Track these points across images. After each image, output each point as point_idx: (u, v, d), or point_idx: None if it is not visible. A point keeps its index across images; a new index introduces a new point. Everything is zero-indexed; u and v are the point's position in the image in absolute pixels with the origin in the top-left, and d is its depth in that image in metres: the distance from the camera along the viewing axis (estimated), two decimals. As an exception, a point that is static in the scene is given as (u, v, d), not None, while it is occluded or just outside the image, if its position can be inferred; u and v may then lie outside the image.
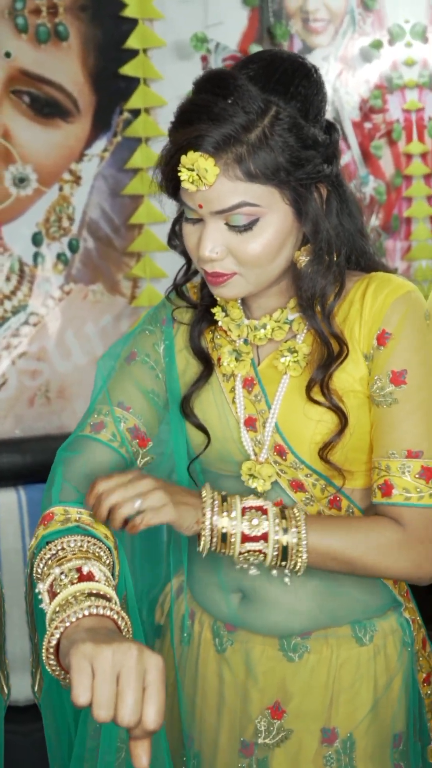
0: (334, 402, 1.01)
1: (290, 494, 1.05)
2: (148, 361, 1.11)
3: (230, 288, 1.01)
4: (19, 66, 2.23)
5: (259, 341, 1.07)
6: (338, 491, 1.04)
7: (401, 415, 1.01)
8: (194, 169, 0.93)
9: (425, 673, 1.16)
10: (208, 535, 0.97)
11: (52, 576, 0.85)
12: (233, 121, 0.92)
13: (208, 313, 1.10)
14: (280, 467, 1.05)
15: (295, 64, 0.99)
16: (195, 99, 0.96)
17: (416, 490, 0.99)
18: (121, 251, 2.40)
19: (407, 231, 2.85)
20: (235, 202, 0.95)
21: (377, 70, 2.71)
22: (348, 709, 1.08)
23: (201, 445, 1.09)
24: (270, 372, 1.07)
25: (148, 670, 0.71)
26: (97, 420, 1.07)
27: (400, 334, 1.01)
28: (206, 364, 1.10)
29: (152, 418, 1.10)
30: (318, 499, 1.05)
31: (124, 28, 2.30)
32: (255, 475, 1.06)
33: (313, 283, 1.01)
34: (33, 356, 2.35)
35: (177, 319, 1.13)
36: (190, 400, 1.09)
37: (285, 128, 0.94)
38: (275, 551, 0.97)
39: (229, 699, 1.10)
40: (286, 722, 1.08)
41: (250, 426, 1.07)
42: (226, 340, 1.10)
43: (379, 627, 1.10)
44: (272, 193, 0.96)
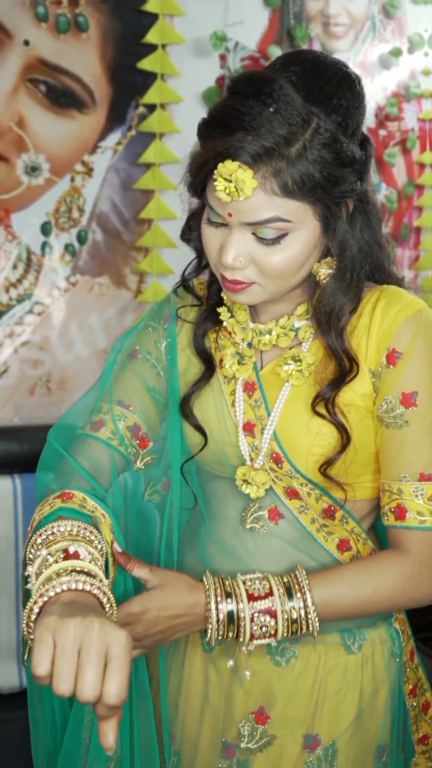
0: (338, 419, 1.00)
1: (285, 501, 1.05)
2: (150, 359, 1.10)
3: (247, 295, 0.99)
4: (37, 55, 2.23)
5: (264, 346, 1.06)
6: (335, 502, 1.04)
7: (412, 437, 1.00)
8: (231, 180, 0.90)
9: (411, 685, 1.16)
10: (215, 618, 0.97)
11: (39, 558, 0.85)
12: (275, 133, 0.89)
13: (214, 312, 1.09)
14: (275, 474, 1.05)
15: (340, 74, 0.95)
16: (236, 103, 0.91)
17: (430, 513, 0.99)
18: (129, 245, 2.40)
19: (416, 240, 2.85)
20: (268, 216, 0.92)
21: (395, 78, 2.71)
22: (332, 716, 1.08)
23: (198, 445, 1.08)
24: (272, 378, 1.06)
25: (110, 645, 0.70)
26: (97, 418, 1.07)
27: (411, 354, 0.99)
28: (208, 365, 1.09)
29: (154, 415, 1.09)
30: (312, 508, 1.04)
31: (144, 23, 2.29)
32: (249, 481, 1.05)
33: (334, 299, 1.00)
34: (36, 345, 2.35)
35: (181, 316, 1.12)
36: (189, 400, 1.08)
37: (323, 143, 0.91)
38: (284, 611, 0.96)
39: (213, 699, 1.10)
40: (270, 728, 1.07)
41: (248, 431, 1.06)
42: (230, 342, 1.09)
43: (368, 636, 1.09)
44: (305, 209, 0.93)
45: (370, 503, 1.08)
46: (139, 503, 1.13)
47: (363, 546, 1.07)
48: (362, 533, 1.07)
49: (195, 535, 1.12)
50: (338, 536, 1.06)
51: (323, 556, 1.05)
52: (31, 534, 0.92)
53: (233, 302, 1.07)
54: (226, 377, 1.08)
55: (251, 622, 0.96)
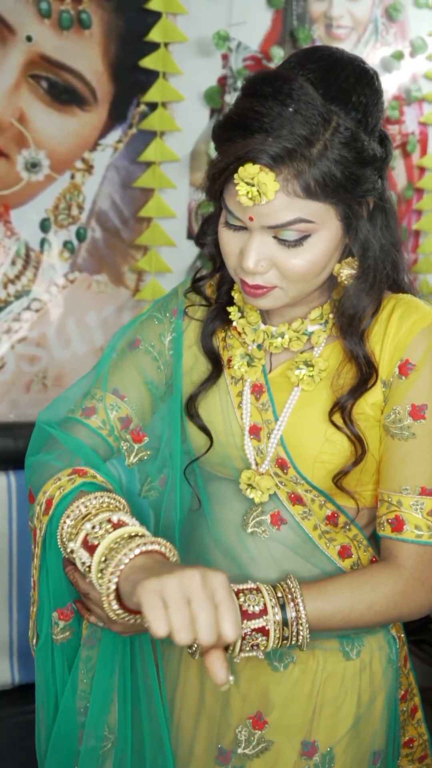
0: (355, 431, 0.99)
1: (288, 507, 1.04)
2: (152, 351, 1.08)
3: (269, 300, 0.97)
4: (39, 51, 2.23)
5: (275, 349, 1.04)
6: (338, 509, 1.03)
7: (418, 451, 0.98)
8: (254, 183, 0.88)
9: (403, 690, 1.16)
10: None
11: (83, 532, 0.88)
12: (296, 134, 0.86)
13: (223, 312, 1.07)
14: (279, 479, 1.03)
15: (358, 70, 0.93)
16: (253, 103, 0.88)
17: (427, 527, 0.98)
18: (128, 243, 2.40)
19: (415, 243, 2.85)
20: (291, 218, 0.90)
21: (396, 81, 2.71)
22: (330, 722, 1.07)
23: (202, 446, 1.07)
24: (281, 381, 1.04)
25: (215, 590, 0.76)
26: (89, 404, 1.05)
27: (424, 366, 0.98)
28: (216, 365, 1.07)
29: (147, 408, 1.07)
30: (316, 514, 1.03)
31: (147, 21, 2.29)
32: (254, 485, 1.04)
33: (358, 301, 0.98)
34: (33, 342, 2.34)
35: (189, 314, 1.10)
36: (195, 400, 1.06)
37: (343, 142, 0.89)
38: (276, 629, 0.94)
39: (209, 704, 1.09)
40: (267, 733, 1.07)
41: (254, 434, 1.04)
42: (239, 342, 1.07)
43: (367, 643, 1.09)
44: (327, 209, 0.91)
45: (372, 511, 1.07)
46: (134, 500, 1.11)
47: (364, 553, 1.07)
48: (364, 540, 1.06)
49: (194, 535, 1.11)
50: (340, 543, 1.05)
51: (324, 563, 1.05)
52: (53, 510, 0.92)
53: (245, 303, 1.05)
54: (234, 378, 1.06)
55: (243, 640, 0.93)
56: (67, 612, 1.00)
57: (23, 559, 2.06)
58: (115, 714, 1.01)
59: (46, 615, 1.00)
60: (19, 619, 2.05)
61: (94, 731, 1.00)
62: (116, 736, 1.01)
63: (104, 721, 1.00)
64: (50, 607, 0.99)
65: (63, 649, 1.00)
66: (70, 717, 1.00)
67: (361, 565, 1.06)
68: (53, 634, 1.00)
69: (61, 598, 0.99)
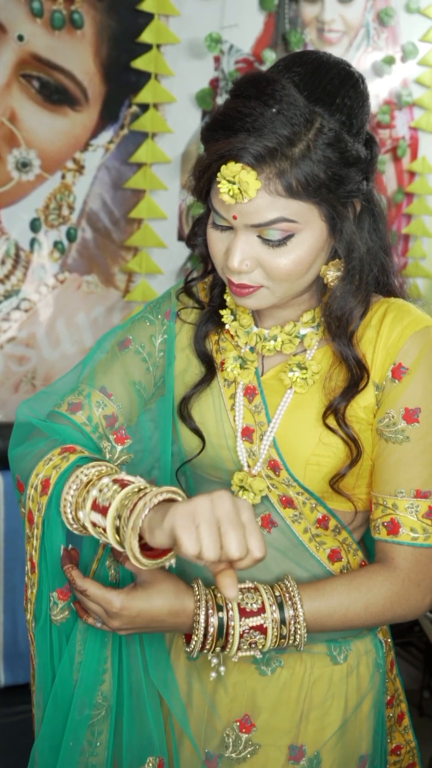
0: (350, 432, 0.99)
1: (279, 510, 1.04)
2: (142, 352, 1.09)
3: (256, 299, 0.98)
4: (30, 50, 2.22)
5: (268, 352, 1.04)
6: (329, 512, 1.03)
7: (412, 454, 0.99)
8: (235, 182, 0.89)
9: (389, 696, 1.16)
10: (201, 632, 0.95)
11: (90, 498, 0.91)
12: (278, 134, 0.88)
13: (216, 314, 1.08)
14: (271, 482, 1.03)
15: (343, 73, 0.94)
16: (237, 104, 0.90)
17: (423, 530, 0.99)
18: (119, 244, 2.40)
19: (405, 248, 2.86)
20: (273, 217, 0.91)
21: (387, 86, 2.72)
22: (317, 726, 1.07)
23: (194, 448, 1.07)
24: (274, 384, 1.05)
25: (241, 511, 0.81)
26: (76, 400, 1.06)
27: (417, 370, 0.99)
28: (209, 368, 1.07)
29: (132, 409, 1.08)
30: (306, 517, 1.04)
31: (139, 22, 2.29)
32: (246, 487, 1.04)
33: (344, 303, 0.98)
34: (22, 342, 2.34)
35: (182, 317, 1.11)
36: (188, 403, 1.07)
37: (327, 143, 0.90)
38: (274, 627, 0.95)
39: (196, 708, 1.08)
40: (255, 736, 1.06)
41: (246, 437, 1.04)
42: (232, 345, 1.07)
43: (354, 647, 1.09)
44: (310, 209, 0.92)
45: (363, 515, 1.07)
46: None
47: (353, 557, 1.07)
48: (353, 544, 1.07)
49: None
50: (330, 546, 1.05)
51: (314, 566, 1.05)
52: (52, 488, 0.94)
53: (237, 306, 1.06)
54: (227, 381, 1.06)
55: (240, 638, 0.94)
56: (66, 591, 1.00)
57: (10, 561, 2.05)
58: (109, 683, 1.02)
59: (45, 596, 1.00)
60: (5, 621, 2.05)
61: (88, 699, 1.01)
62: (110, 703, 1.02)
63: (97, 690, 1.01)
64: (49, 587, 1.00)
65: (61, 630, 1.01)
66: (67, 688, 1.01)
67: (351, 568, 1.06)
68: (52, 615, 1.01)
69: (60, 578, 1.00)
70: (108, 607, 0.94)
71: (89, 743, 1.02)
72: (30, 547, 1.01)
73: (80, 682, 1.01)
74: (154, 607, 0.95)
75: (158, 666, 1.04)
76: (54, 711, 1.01)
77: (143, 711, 1.03)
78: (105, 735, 1.03)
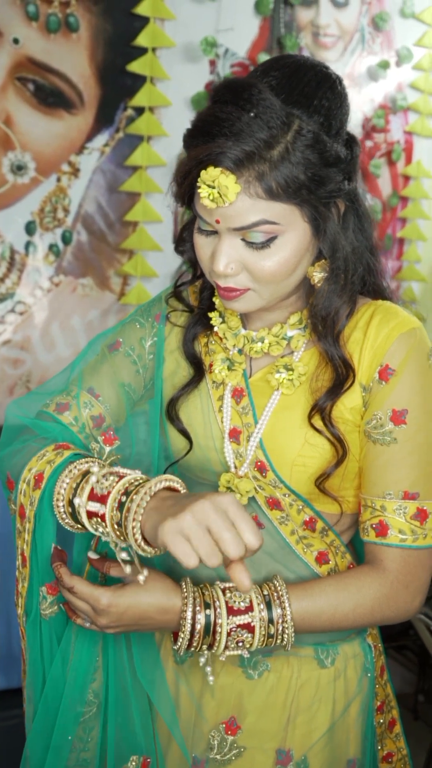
0: (335, 432, 0.99)
1: (266, 511, 1.04)
2: (131, 355, 1.10)
3: (243, 302, 0.99)
4: (26, 53, 2.22)
5: (255, 354, 1.05)
6: (316, 514, 1.03)
7: (399, 455, 0.99)
8: (215, 186, 0.90)
9: (379, 701, 1.15)
10: (188, 629, 0.95)
11: (88, 486, 0.92)
12: (255, 137, 0.89)
13: (205, 317, 1.08)
14: (258, 483, 1.04)
15: (320, 75, 0.95)
16: (215, 110, 0.91)
17: (411, 531, 0.99)
18: (114, 247, 2.40)
19: (399, 251, 2.87)
20: (255, 220, 0.92)
21: (382, 90, 2.73)
22: (304, 730, 1.07)
23: (182, 450, 1.07)
24: (261, 385, 1.05)
25: (226, 510, 0.82)
26: (63, 400, 1.07)
27: (404, 371, 0.99)
28: (197, 369, 1.08)
29: (120, 410, 1.09)
30: (293, 519, 1.04)
31: (134, 25, 2.30)
32: (233, 488, 1.04)
33: (330, 302, 0.99)
34: (17, 345, 2.33)
35: (171, 321, 1.12)
36: (176, 404, 1.07)
37: (307, 144, 0.91)
38: (261, 626, 0.95)
39: (184, 711, 1.08)
40: (240, 739, 1.06)
41: (233, 438, 1.05)
42: (221, 347, 1.08)
43: (342, 651, 1.09)
44: (292, 211, 0.93)
45: (351, 517, 1.07)
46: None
47: (341, 559, 1.07)
48: (341, 546, 1.07)
49: None
50: (317, 549, 1.05)
51: (301, 569, 1.05)
52: (46, 482, 0.95)
53: (226, 308, 1.06)
54: (215, 383, 1.07)
55: (228, 636, 0.95)
56: (55, 586, 1.01)
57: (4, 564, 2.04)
58: (100, 681, 1.03)
59: (36, 590, 1.01)
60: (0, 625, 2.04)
61: (79, 697, 1.01)
62: (101, 700, 1.02)
63: (88, 688, 1.02)
64: (39, 581, 1.00)
65: (51, 624, 1.02)
66: (58, 687, 1.01)
67: (339, 571, 1.06)
68: (41, 609, 1.01)
69: (50, 573, 1.00)
70: (95, 604, 0.94)
71: (80, 740, 1.02)
72: (21, 541, 1.01)
73: (71, 680, 1.01)
74: (142, 603, 0.95)
75: (147, 667, 1.04)
76: (45, 709, 1.01)
77: (129, 710, 1.03)
78: (96, 731, 1.03)
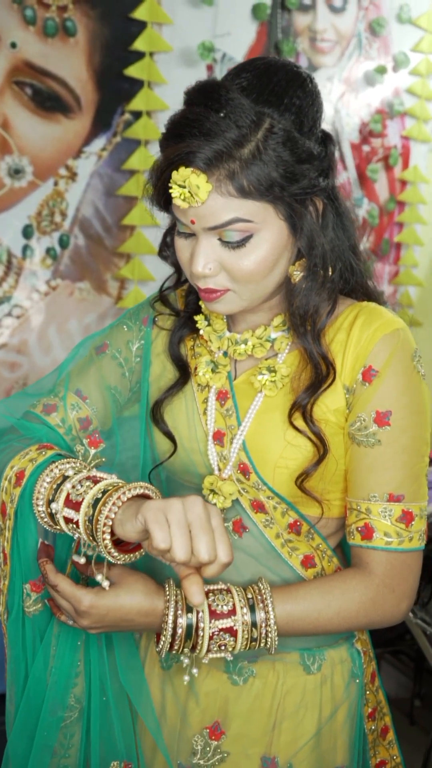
0: (316, 430, 0.99)
1: (250, 514, 1.03)
2: (118, 357, 1.10)
3: (224, 304, 0.99)
4: (23, 57, 2.23)
5: (239, 356, 1.05)
6: (300, 517, 1.03)
7: (384, 457, 0.98)
8: (186, 185, 0.91)
9: (371, 708, 1.14)
10: (170, 632, 0.94)
11: (64, 492, 0.94)
12: (225, 137, 0.89)
13: (191, 320, 1.09)
14: (242, 486, 1.03)
15: (290, 74, 0.95)
16: (186, 112, 0.92)
17: (397, 534, 0.98)
18: (111, 251, 2.40)
19: (396, 255, 2.88)
20: (228, 218, 0.92)
21: (379, 95, 2.73)
22: (290, 737, 1.06)
23: (167, 452, 1.07)
24: (245, 388, 1.05)
25: (212, 516, 0.86)
26: (51, 402, 1.08)
27: (387, 372, 0.98)
28: (182, 372, 1.08)
29: (107, 413, 1.09)
30: (278, 522, 1.03)
31: (132, 30, 2.30)
32: (216, 491, 1.04)
33: (307, 300, 0.99)
34: (13, 348, 2.33)
35: (159, 324, 1.12)
36: (161, 406, 1.07)
37: (279, 142, 0.91)
38: (244, 630, 0.94)
39: (170, 718, 1.08)
40: (224, 744, 1.05)
41: (217, 440, 1.05)
42: (206, 350, 1.08)
43: (328, 656, 1.08)
44: (266, 208, 0.93)
45: (337, 521, 1.06)
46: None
47: (328, 563, 1.06)
48: (328, 550, 1.06)
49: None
50: (303, 552, 1.04)
51: (286, 572, 1.04)
52: (27, 480, 0.96)
53: (211, 312, 1.07)
54: (200, 385, 1.07)
55: (210, 640, 0.94)
56: (39, 584, 1.01)
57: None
58: (82, 686, 1.03)
59: (18, 588, 1.01)
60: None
61: (60, 701, 1.01)
62: (82, 706, 1.02)
63: (69, 692, 1.02)
64: (22, 578, 1.00)
65: (34, 622, 1.02)
66: (40, 688, 1.01)
67: (326, 575, 1.05)
68: (25, 607, 1.01)
69: (33, 570, 1.00)
70: (77, 605, 0.94)
71: (61, 745, 1.02)
72: (2, 539, 1.01)
73: (53, 684, 1.01)
74: (123, 606, 0.95)
75: (130, 673, 1.04)
76: (27, 709, 1.01)
77: (109, 715, 1.03)
78: (77, 737, 1.03)
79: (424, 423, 1.00)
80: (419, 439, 1.00)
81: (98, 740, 1.03)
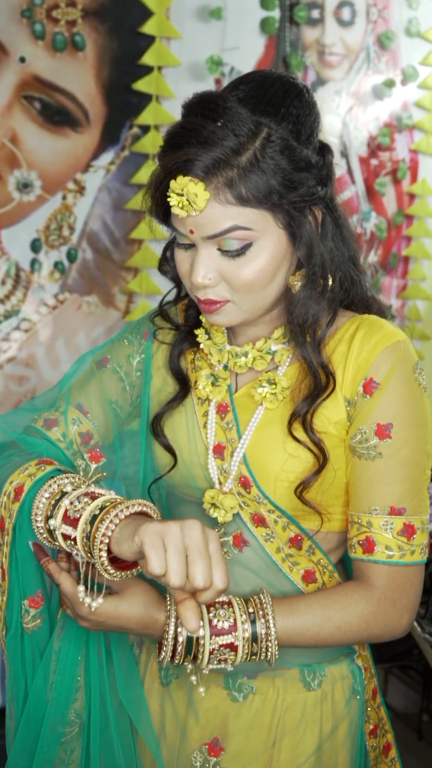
0: (315, 439, 0.98)
1: (251, 528, 1.03)
2: (119, 372, 1.10)
3: (224, 315, 0.99)
4: (32, 72, 2.24)
5: (239, 369, 1.05)
6: (301, 531, 1.02)
7: (385, 470, 0.98)
8: (184, 194, 0.91)
9: (372, 725, 1.13)
10: (170, 646, 0.94)
11: (62, 508, 0.93)
12: (223, 145, 0.90)
13: (191, 334, 1.09)
14: (243, 499, 1.03)
15: (287, 85, 0.96)
16: (184, 122, 0.93)
17: (398, 547, 0.98)
18: (119, 265, 2.40)
19: (404, 269, 2.87)
20: (227, 226, 0.92)
21: (388, 109, 2.74)
22: (290, 754, 1.05)
23: (167, 465, 1.07)
24: (246, 401, 1.05)
25: (210, 542, 0.85)
26: (52, 416, 1.07)
27: (388, 385, 0.98)
28: (183, 386, 1.08)
29: (108, 427, 1.09)
30: (279, 536, 1.02)
31: (140, 44, 2.31)
32: (217, 504, 1.03)
33: (306, 309, 0.99)
34: (21, 362, 2.33)
35: (159, 338, 1.12)
36: (161, 420, 1.07)
37: (277, 150, 0.92)
38: (245, 645, 0.95)
39: (169, 734, 1.07)
40: (223, 761, 1.05)
41: (218, 453, 1.04)
42: (207, 363, 1.08)
43: (329, 672, 1.07)
44: (265, 216, 0.93)
45: (338, 536, 1.06)
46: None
47: (329, 579, 1.05)
48: (329, 565, 1.05)
49: None
50: (303, 567, 1.04)
51: (287, 587, 1.03)
52: (25, 495, 0.96)
53: (211, 325, 1.06)
54: (200, 399, 1.07)
55: (210, 654, 0.94)
56: (38, 599, 1.01)
57: None
58: (82, 701, 1.02)
59: (16, 604, 1.01)
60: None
61: (61, 717, 1.01)
62: (83, 721, 1.02)
63: (69, 708, 1.02)
64: (20, 594, 1.00)
65: (33, 638, 1.02)
66: (40, 704, 1.01)
67: (327, 588, 1.04)
68: (23, 623, 1.01)
69: (31, 586, 1.00)
70: (76, 608, 0.95)
71: (62, 761, 1.02)
72: (1, 554, 1.01)
73: (53, 700, 1.01)
74: (122, 616, 0.95)
75: (130, 689, 1.03)
76: (27, 726, 1.01)
77: (109, 730, 1.03)
78: (77, 752, 1.03)
79: (425, 436, 1.00)
80: (421, 452, 0.99)
81: (98, 756, 1.02)
